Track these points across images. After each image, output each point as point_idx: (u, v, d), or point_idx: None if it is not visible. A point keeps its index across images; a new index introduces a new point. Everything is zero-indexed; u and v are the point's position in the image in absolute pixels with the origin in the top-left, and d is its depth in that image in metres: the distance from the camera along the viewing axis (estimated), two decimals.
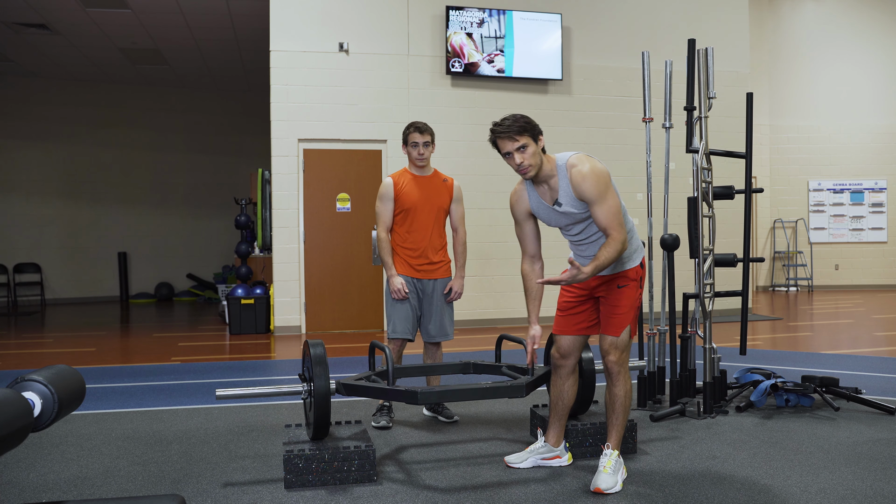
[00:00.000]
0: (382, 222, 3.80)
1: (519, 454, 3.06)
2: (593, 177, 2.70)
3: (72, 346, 7.11)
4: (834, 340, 6.91)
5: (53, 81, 11.92)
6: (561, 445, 3.06)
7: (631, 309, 2.86)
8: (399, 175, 3.83)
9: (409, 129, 3.78)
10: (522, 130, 2.71)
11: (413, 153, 3.76)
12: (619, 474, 2.77)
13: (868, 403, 3.89)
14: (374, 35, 7.91)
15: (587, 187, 2.70)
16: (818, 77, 12.96)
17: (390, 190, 3.78)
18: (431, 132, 3.79)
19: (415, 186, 3.78)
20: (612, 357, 2.86)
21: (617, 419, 2.87)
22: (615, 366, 2.85)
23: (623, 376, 2.86)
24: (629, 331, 2.86)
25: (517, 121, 2.73)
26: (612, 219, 2.72)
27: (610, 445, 2.83)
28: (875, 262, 12.97)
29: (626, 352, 2.87)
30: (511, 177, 8.21)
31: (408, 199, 3.75)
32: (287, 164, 7.71)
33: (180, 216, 12.85)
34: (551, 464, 3.02)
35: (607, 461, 2.77)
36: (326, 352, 3.03)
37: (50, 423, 1.56)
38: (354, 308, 7.92)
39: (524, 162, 2.72)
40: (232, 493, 2.76)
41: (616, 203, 2.75)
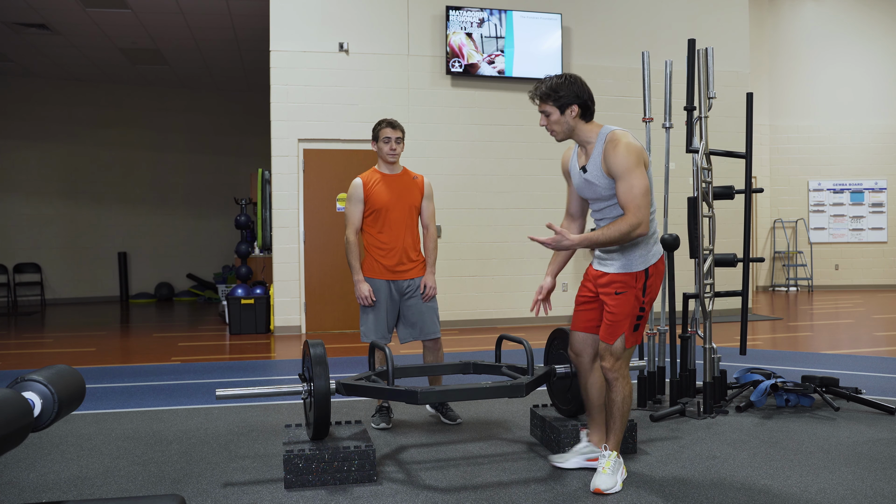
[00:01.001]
0: (351, 224, 3.73)
1: (563, 454, 3.01)
2: (624, 150, 2.62)
3: (72, 346, 7.11)
4: (834, 340, 6.91)
5: (53, 81, 11.92)
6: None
7: (626, 317, 2.76)
8: (368, 175, 3.77)
9: (381, 125, 3.76)
10: (545, 97, 2.71)
11: (385, 148, 3.73)
12: (619, 474, 2.75)
13: (868, 403, 3.90)
14: (374, 35, 7.91)
15: (615, 159, 2.62)
16: (818, 77, 12.96)
17: (360, 191, 3.71)
18: (402, 129, 3.80)
19: (385, 185, 3.73)
20: (605, 363, 2.81)
21: (615, 423, 2.83)
22: (608, 372, 2.80)
23: (620, 382, 2.80)
24: (623, 339, 2.77)
25: (544, 85, 2.73)
26: (631, 198, 2.61)
27: (608, 446, 2.82)
28: (875, 262, 12.97)
29: (620, 360, 2.79)
30: (511, 177, 8.25)
31: (378, 199, 3.69)
32: (287, 164, 7.71)
33: (180, 216, 12.85)
34: (595, 465, 2.91)
35: (606, 462, 2.75)
36: (326, 352, 3.03)
37: (50, 423, 1.56)
38: (354, 308, 7.91)
39: (547, 126, 2.77)
40: (232, 493, 2.76)
41: (642, 185, 2.62)
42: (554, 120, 2.72)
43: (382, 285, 3.71)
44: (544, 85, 2.72)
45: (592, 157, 2.73)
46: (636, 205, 2.61)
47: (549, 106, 2.71)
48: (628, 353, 2.81)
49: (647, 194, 2.63)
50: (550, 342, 3.50)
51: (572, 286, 8.53)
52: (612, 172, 2.65)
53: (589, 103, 2.73)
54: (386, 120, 3.79)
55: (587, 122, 2.75)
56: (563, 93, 2.69)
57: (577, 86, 2.71)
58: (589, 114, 2.74)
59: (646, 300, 2.78)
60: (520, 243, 8.34)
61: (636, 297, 2.76)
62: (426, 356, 3.86)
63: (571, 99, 2.69)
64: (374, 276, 3.72)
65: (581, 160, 2.81)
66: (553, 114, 2.71)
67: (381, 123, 3.78)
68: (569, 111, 2.70)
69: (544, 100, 2.72)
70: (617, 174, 2.64)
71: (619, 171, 2.62)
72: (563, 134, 2.76)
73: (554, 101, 2.70)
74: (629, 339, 2.79)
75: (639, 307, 2.77)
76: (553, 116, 2.72)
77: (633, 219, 2.61)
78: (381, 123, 3.78)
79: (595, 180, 2.73)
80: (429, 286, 3.76)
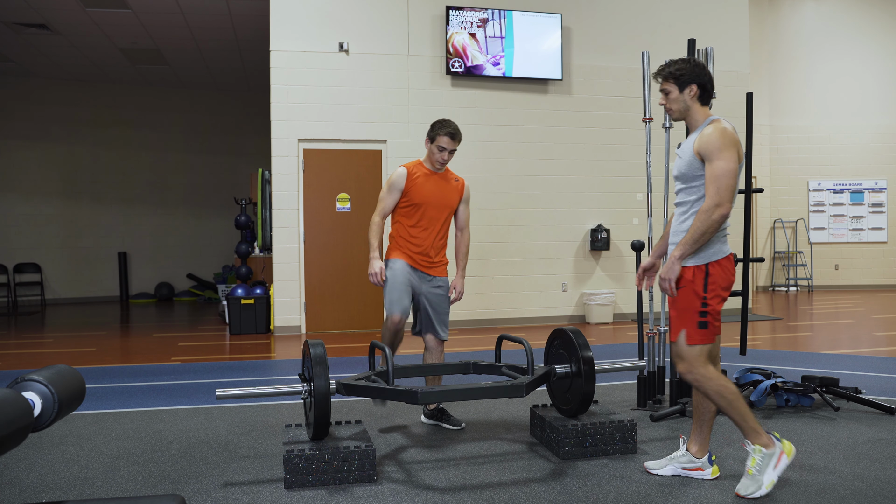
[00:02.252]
0: (381, 210, 3.67)
1: (659, 460, 2.94)
2: (718, 133, 2.64)
3: (72, 346, 7.11)
4: (834, 340, 6.91)
5: (53, 81, 11.92)
6: (704, 457, 2.87)
7: (685, 312, 2.69)
8: (414, 166, 3.70)
9: (441, 131, 3.62)
10: (669, 77, 2.79)
11: (436, 155, 3.64)
12: (769, 471, 2.61)
13: (868, 403, 3.90)
14: (374, 35, 7.92)
15: (708, 140, 2.64)
16: (818, 77, 12.96)
17: (402, 181, 3.64)
18: (461, 140, 3.68)
19: (428, 182, 3.67)
20: (679, 367, 2.73)
21: (731, 418, 2.68)
22: (683, 375, 2.72)
23: (701, 384, 2.68)
24: (685, 336, 2.68)
25: (669, 66, 2.80)
26: (713, 180, 2.61)
27: (748, 442, 2.67)
28: (875, 262, 12.97)
29: (688, 360, 2.69)
30: (511, 177, 8.24)
31: (419, 194, 3.64)
32: (287, 164, 7.71)
33: (180, 216, 12.85)
34: (692, 475, 2.84)
35: (751, 461, 2.65)
36: (326, 352, 3.03)
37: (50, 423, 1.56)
38: (354, 308, 7.92)
39: (665, 104, 2.85)
40: (232, 493, 2.76)
41: (729, 169, 2.60)
42: (672, 98, 2.80)
43: (405, 265, 3.66)
44: (670, 66, 2.81)
45: (691, 136, 2.78)
46: (717, 186, 2.60)
47: (670, 84, 2.79)
48: (697, 351, 2.68)
49: (732, 178, 2.60)
50: (550, 342, 3.50)
51: (572, 286, 8.53)
52: (703, 153, 2.66)
53: (708, 86, 2.79)
54: (447, 127, 3.63)
55: (702, 106, 2.80)
56: (684, 72, 2.77)
57: (700, 69, 2.78)
58: (706, 97, 2.80)
59: (708, 297, 2.67)
60: (520, 243, 8.34)
61: (695, 293, 2.68)
62: (427, 357, 3.83)
63: (692, 78, 2.76)
64: (397, 257, 3.68)
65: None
66: (672, 91, 2.79)
67: (442, 128, 3.63)
68: (687, 90, 2.77)
69: (667, 78, 2.80)
70: (707, 154, 2.65)
71: (709, 151, 2.64)
72: (679, 113, 2.81)
73: (675, 80, 2.78)
74: (693, 337, 2.68)
75: (700, 303, 2.67)
76: (672, 94, 2.80)
77: (714, 198, 2.60)
78: (442, 128, 3.63)
79: (682, 155, 2.78)
80: (458, 290, 3.75)
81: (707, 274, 2.68)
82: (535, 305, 8.37)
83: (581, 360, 3.19)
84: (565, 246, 8.52)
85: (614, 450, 3.19)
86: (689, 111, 2.79)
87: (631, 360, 4.26)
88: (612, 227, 8.56)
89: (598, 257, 8.61)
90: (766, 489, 2.60)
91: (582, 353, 3.20)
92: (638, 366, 3.66)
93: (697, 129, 2.75)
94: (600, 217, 8.55)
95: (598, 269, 8.62)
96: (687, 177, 2.75)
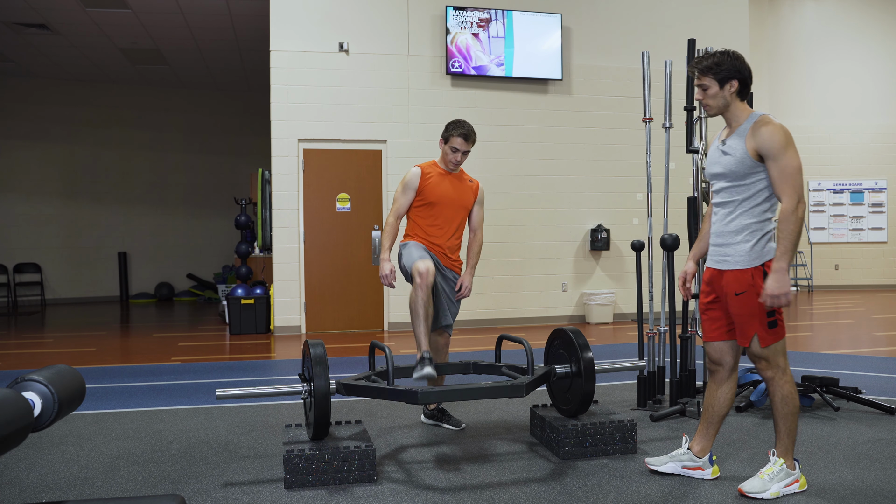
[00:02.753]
0: (396, 210, 3.65)
1: (660, 457, 2.95)
2: (779, 128, 2.56)
3: (72, 346, 7.11)
4: (834, 340, 6.91)
5: (53, 81, 11.92)
6: (706, 457, 2.87)
7: (752, 317, 2.63)
8: (428, 167, 3.69)
9: (455, 132, 3.59)
10: (707, 70, 2.67)
11: (450, 156, 3.62)
12: (779, 484, 2.63)
13: (868, 403, 3.90)
14: (374, 35, 7.91)
15: (771, 138, 2.55)
16: (818, 77, 12.95)
17: (416, 180, 3.63)
18: (475, 141, 3.65)
19: (442, 181, 3.66)
20: (759, 365, 2.71)
21: (778, 425, 2.70)
22: (762, 372, 2.70)
23: (775, 383, 2.67)
24: (758, 340, 2.64)
25: (706, 59, 2.68)
26: (787, 179, 2.54)
27: (775, 452, 2.70)
28: (875, 262, 12.97)
29: (766, 360, 2.66)
30: (511, 177, 8.24)
31: (433, 193, 3.62)
32: (287, 164, 7.71)
33: (180, 216, 12.85)
34: (692, 475, 2.85)
35: (768, 468, 2.67)
36: (326, 352, 3.03)
37: (50, 423, 1.56)
38: (354, 308, 7.92)
39: (703, 100, 2.72)
40: (232, 493, 2.76)
41: (796, 165, 2.54)
42: (711, 94, 2.68)
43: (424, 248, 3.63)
44: (707, 59, 2.68)
45: (737, 132, 2.66)
46: (792, 184, 2.54)
47: (709, 79, 2.66)
48: (774, 350, 2.65)
49: (801, 174, 2.57)
50: (550, 342, 3.50)
51: (572, 286, 8.53)
52: (763, 151, 2.57)
53: (748, 81, 2.68)
54: (461, 129, 3.59)
55: (741, 101, 2.70)
56: (725, 66, 2.65)
57: (740, 62, 2.67)
58: (746, 92, 2.70)
59: None
60: (520, 243, 8.34)
61: (758, 295, 2.61)
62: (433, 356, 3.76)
63: (733, 73, 2.65)
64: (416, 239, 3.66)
65: (723, 136, 2.76)
66: (711, 87, 2.67)
67: (456, 129, 3.60)
68: (728, 86, 2.66)
69: (705, 73, 2.66)
70: (769, 153, 2.56)
71: (773, 150, 2.56)
72: (717, 109, 2.70)
73: (714, 75, 2.65)
74: (765, 339, 2.64)
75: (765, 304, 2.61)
76: (711, 90, 2.67)
77: (794, 196, 2.54)
78: (456, 129, 3.60)
79: (731, 152, 2.65)
80: (465, 286, 3.72)
81: (766, 274, 2.62)
82: (535, 305, 8.37)
83: (581, 360, 3.19)
84: (565, 246, 8.52)
85: (614, 450, 3.19)
86: (729, 107, 2.69)
87: (631, 360, 4.26)
88: (612, 227, 8.56)
89: (598, 257, 8.61)
90: (771, 496, 2.61)
91: (582, 353, 3.20)
92: (638, 366, 3.66)
93: (742, 126, 2.65)
94: (600, 217, 8.55)
95: (598, 269, 8.62)
96: (737, 175, 2.64)
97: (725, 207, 2.72)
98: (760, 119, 2.62)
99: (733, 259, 2.68)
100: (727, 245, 2.70)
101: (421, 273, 3.38)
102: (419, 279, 3.38)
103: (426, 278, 3.38)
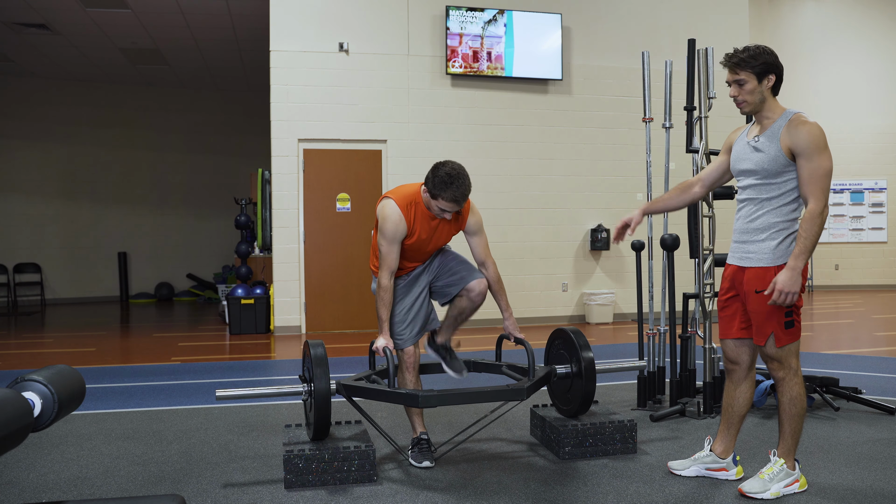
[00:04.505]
0: (387, 266, 3.03)
1: (683, 461, 2.92)
2: (816, 128, 2.52)
3: (72, 346, 7.11)
4: (834, 340, 6.91)
5: (53, 81, 11.92)
6: (729, 458, 2.86)
7: (771, 314, 2.58)
8: (408, 205, 3.03)
9: (446, 194, 2.90)
10: (744, 64, 2.58)
11: (435, 210, 3.00)
12: (779, 484, 2.62)
13: (868, 403, 3.89)
14: (374, 35, 7.91)
15: (808, 137, 2.51)
16: (818, 77, 12.95)
17: (402, 229, 3.01)
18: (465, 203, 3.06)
19: (427, 223, 3.08)
20: (770, 366, 2.67)
21: (783, 426, 2.68)
22: (773, 372, 2.68)
23: (786, 384, 2.64)
24: (774, 339, 2.60)
25: (742, 52, 2.59)
26: (816, 181, 2.50)
27: (777, 452, 2.69)
28: (875, 262, 12.97)
29: (780, 360, 2.63)
30: (511, 177, 8.24)
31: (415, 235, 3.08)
32: (287, 164, 7.71)
33: (180, 216, 12.85)
34: (716, 476, 2.83)
35: (768, 468, 2.66)
36: (326, 352, 3.02)
37: (50, 423, 1.56)
38: (354, 308, 7.92)
39: (738, 96, 2.63)
40: (232, 493, 2.76)
41: (828, 167, 2.50)
42: (749, 89, 2.59)
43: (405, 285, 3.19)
44: (743, 52, 2.59)
45: (770, 129, 2.61)
46: (822, 186, 2.51)
47: (747, 73, 2.58)
48: (788, 351, 2.62)
49: (831, 177, 2.53)
50: (551, 342, 3.50)
51: (572, 286, 8.53)
52: (799, 149, 2.52)
53: (781, 76, 2.63)
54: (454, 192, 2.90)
55: (774, 98, 2.65)
56: (762, 59, 2.58)
57: (775, 56, 2.61)
58: (778, 87, 2.64)
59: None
60: (520, 243, 8.34)
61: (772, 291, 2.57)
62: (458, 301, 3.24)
63: (770, 67, 2.59)
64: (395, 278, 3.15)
65: (753, 133, 2.69)
66: (749, 82, 2.58)
67: (447, 189, 2.89)
68: (766, 80, 2.59)
69: (742, 66, 2.57)
70: (804, 151, 2.52)
71: (809, 149, 2.51)
72: (753, 106, 2.62)
73: (752, 68, 2.57)
74: (781, 339, 2.60)
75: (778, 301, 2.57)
76: (748, 85, 2.59)
77: (821, 200, 2.51)
78: (447, 189, 2.89)
79: (764, 149, 2.59)
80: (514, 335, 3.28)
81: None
82: (535, 305, 8.37)
83: (581, 361, 3.19)
84: (565, 246, 8.51)
85: (614, 450, 3.19)
86: (765, 103, 2.62)
87: (631, 360, 4.26)
88: (613, 227, 8.50)
89: (598, 257, 8.60)
90: (771, 496, 2.60)
91: (582, 354, 3.20)
92: (638, 366, 3.66)
93: (776, 123, 2.60)
94: (600, 217, 8.55)
95: (598, 269, 8.62)
96: (769, 172, 2.59)
97: (751, 205, 2.67)
98: (796, 117, 2.57)
99: (756, 256, 2.64)
100: (750, 242, 2.67)
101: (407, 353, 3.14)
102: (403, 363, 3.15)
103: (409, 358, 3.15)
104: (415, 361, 3.18)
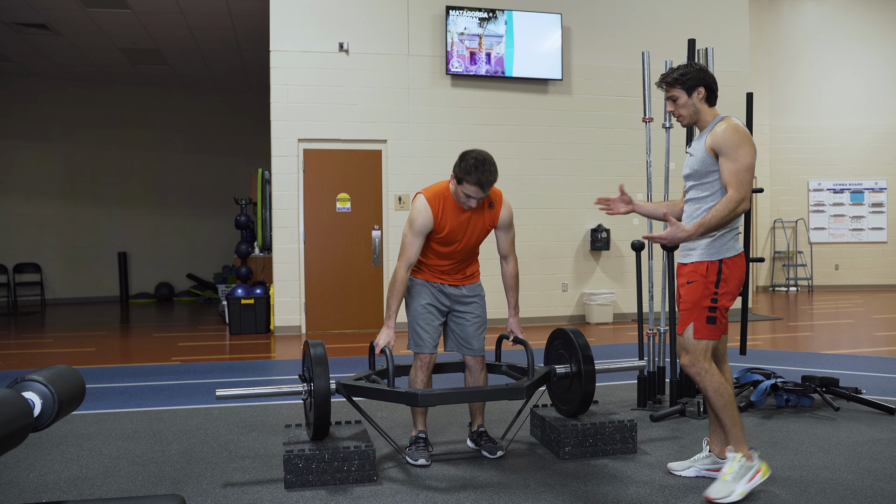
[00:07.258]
0: (406, 258, 3.06)
1: (682, 462, 2.95)
2: (732, 129, 2.67)
3: (72, 346, 7.11)
4: (834, 340, 6.91)
5: (53, 81, 11.92)
6: None
7: (695, 306, 2.70)
8: (437, 199, 3.07)
9: (471, 179, 2.93)
10: (675, 82, 2.79)
11: (461, 198, 3.01)
12: (742, 482, 2.60)
13: (868, 403, 3.90)
14: (374, 35, 7.91)
15: (722, 136, 2.67)
16: (818, 77, 12.96)
17: (429, 222, 3.05)
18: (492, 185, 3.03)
19: (457, 215, 3.10)
20: (682, 359, 2.75)
21: (721, 419, 2.71)
22: (686, 367, 2.73)
23: (701, 377, 2.69)
24: (692, 329, 2.69)
25: (672, 72, 2.81)
26: (735, 174, 2.64)
27: (731, 448, 2.70)
28: (875, 262, 12.97)
29: (693, 353, 2.70)
30: (511, 177, 8.24)
31: (446, 230, 3.10)
32: (287, 164, 7.71)
33: (180, 216, 12.85)
34: (716, 476, 2.77)
35: (728, 467, 2.65)
36: (326, 352, 3.02)
37: (50, 423, 1.56)
38: (354, 308, 7.92)
39: (674, 111, 2.84)
40: (232, 493, 2.76)
41: (747, 164, 2.64)
42: (681, 103, 2.80)
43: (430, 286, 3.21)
44: (673, 72, 2.82)
45: (701, 135, 2.80)
46: (739, 180, 2.64)
47: (677, 90, 2.79)
48: (702, 346, 2.69)
49: (750, 173, 2.66)
50: (550, 342, 3.50)
51: (572, 286, 8.53)
52: (718, 148, 2.68)
53: (713, 87, 2.81)
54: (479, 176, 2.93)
55: (710, 107, 2.82)
56: (690, 76, 2.78)
57: (703, 71, 2.80)
58: (713, 98, 2.82)
59: (719, 292, 2.69)
60: (520, 243, 8.30)
61: (706, 287, 2.70)
62: (468, 379, 3.34)
63: (698, 81, 2.78)
64: (419, 276, 3.22)
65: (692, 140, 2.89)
66: (681, 97, 2.79)
67: (472, 173, 2.93)
68: (695, 93, 2.78)
69: (673, 84, 2.80)
70: (722, 150, 2.67)
71: (725, 147, 2.66)
72: (690, 118, 2.82)
73: (681, 84, 2.78)
74: (700, 331, 2.69)
75: (709, 297, 2.69)
76: (681, 100, 2.80)
77: (738, 194, 2.63)
78: (472, 173, 2.93)
79: (694, 152, 2.79)
80: (515, 333, 3.36)
81: (720, 270, 2.71)
82: (535, 305, 8.37)
83: (581, 360, 3.19)
84: (565, 246, 8.51)
85: (614, 450, 3.19)
86: (699, 114, 2.80)
87: (631, 360, 4.25)
88: (612, 227, 8.56)
89: (598, 257, 8.61)
90: (739, 496, 2.58)
91: (582, 354, 3.20)
92: (638, 366, 3.66)
93: (707, 128, 2.77)
94: (600, 217, 8.55)
95: (598, 269, 8.62)
96: (699, 174, 2.76)
97: (690, 205, 2.85)
98: (720, 120, 2.75)
99: (696, 253, 2.78)
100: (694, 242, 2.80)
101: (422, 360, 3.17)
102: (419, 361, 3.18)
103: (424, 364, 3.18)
104: (430, 362, 3.19)
